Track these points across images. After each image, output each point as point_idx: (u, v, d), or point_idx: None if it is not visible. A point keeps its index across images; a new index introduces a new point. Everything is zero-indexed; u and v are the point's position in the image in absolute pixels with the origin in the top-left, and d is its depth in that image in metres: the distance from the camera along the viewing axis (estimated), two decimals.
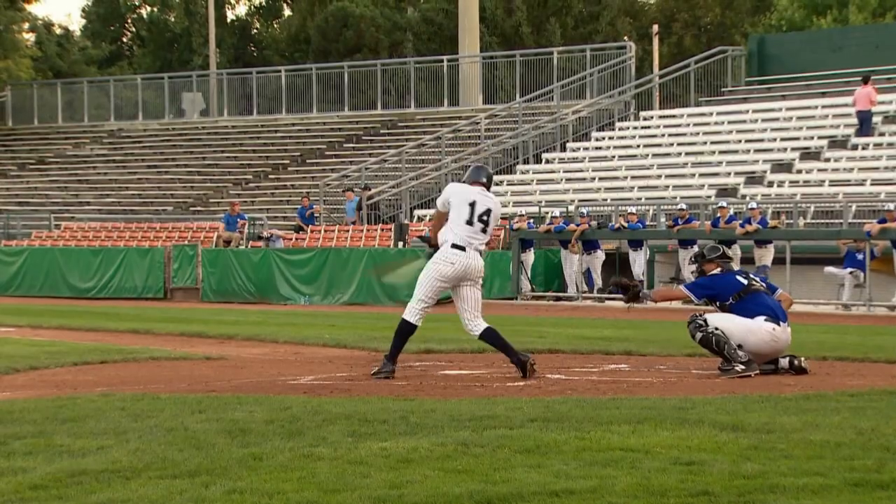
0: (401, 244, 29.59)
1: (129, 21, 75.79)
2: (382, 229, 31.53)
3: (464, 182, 11.68)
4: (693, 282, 12.44)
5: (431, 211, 33.96)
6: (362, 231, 31.76)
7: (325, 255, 29.94)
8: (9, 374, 12.22)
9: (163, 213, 39.06)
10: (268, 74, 47.99)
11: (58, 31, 70.93)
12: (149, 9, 74.06)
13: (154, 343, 16.48)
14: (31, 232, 37.64)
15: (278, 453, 7.11)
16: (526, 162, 36.53)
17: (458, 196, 11.43)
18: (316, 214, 34.06)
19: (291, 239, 32.42)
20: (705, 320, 11.68)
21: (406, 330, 11.54)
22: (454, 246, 11.36)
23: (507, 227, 29.36)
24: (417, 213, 33.91)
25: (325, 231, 32.24)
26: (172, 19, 71.03)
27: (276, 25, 71.93)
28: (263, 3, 73.38)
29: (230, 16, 71.20)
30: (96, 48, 70.51)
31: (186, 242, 32.63)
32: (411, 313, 11.50)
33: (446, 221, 11.47)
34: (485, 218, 11.39)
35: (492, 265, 28.35)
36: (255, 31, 71.97)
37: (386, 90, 44.69)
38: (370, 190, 34.30)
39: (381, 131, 42.80)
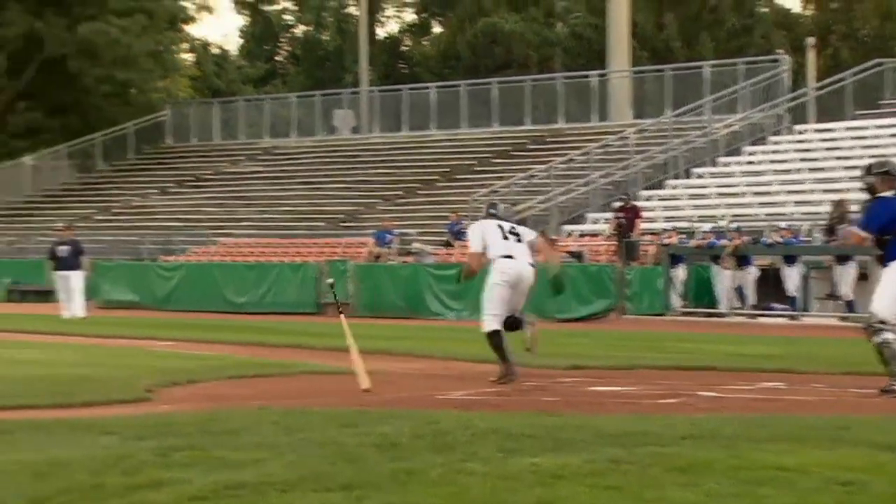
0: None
1: (284, 40, 77.26)
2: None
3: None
4: (861, 220, 11.51)
5: (580, 227, 33.89)
6: None
7: None
8: (168, 388, 12.51)
9: (315, 229, 39.64)
10: (418, 91, 48.41)
11: (215, 51, 72.70)
12: (303, 28, 75.40)
13: (307, 357, 16.71)
14: (189, 248, 38.55)
15: (429, 468, 7.15)
16: (676, 177, 36.17)
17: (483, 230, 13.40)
18: (464, 230, 34.19)
19: (440, 254, 32.60)
20: (881, 321, 11.01)
21: (498, 342, 12.91)
22: (505, 257, 13.10)
23: (658, 242, 29.09)
24: (566, 228, 33.81)
25: None
26: (326, 38, 72.19)
27: (426, 43, 72.56)
28: (415, 21, 74.10)
29: (381, 34, 72.09)
30: (252, 67, 72.05)
31: (338, 258, 33.04)
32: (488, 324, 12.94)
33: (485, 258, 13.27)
34: (513, 231, 13.29)
35: (641, 281, 28.13)
36: (405, 48, 72.71)
37: (534, 106, 44.70)
38: (518, 206, 34.33)
39: (530, 147, 42.80)
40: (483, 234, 13.30)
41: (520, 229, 13.49)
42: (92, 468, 7.20)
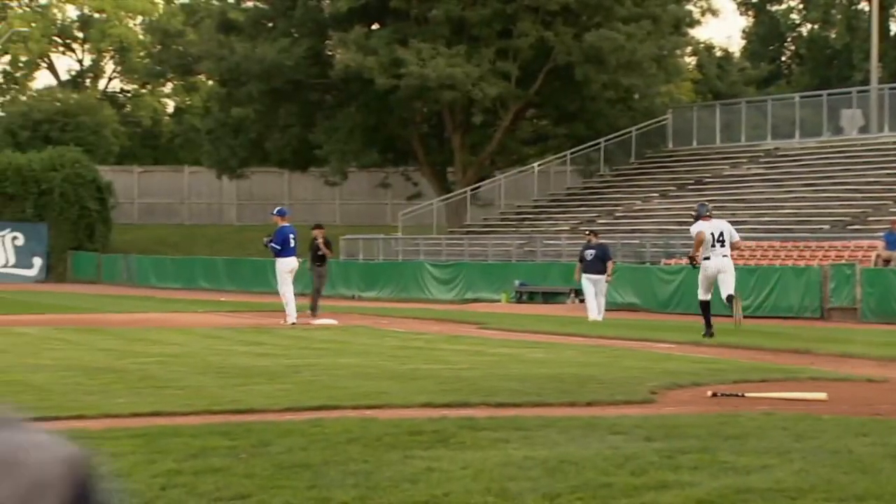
0: None
1: (789, 39, 75.73)
2: None
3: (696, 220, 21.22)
4: None
5: None
6: None
7: None
8: (672, 390, 12.54)
9: (819, 232, 38.52)
10: None
11: (718, 53, 72.37)
12: (809, 26, 73.62)
13: (813, 363, 16.30)
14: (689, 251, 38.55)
15: None
16: None
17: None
18: None
19: None
20: None
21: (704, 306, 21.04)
22: (705, 259, 20.71)
23: None
24: None
25: None
26: (833, 36, 70.11)
27: None
28: None
29: (894, 29, 69.01)
30: (755, 68, 71.12)
31: (844, 261, 31.95)
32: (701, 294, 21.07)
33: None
34: (720, 237, 20.56)
35: None
36: None
37: None
38: None
39: None
40: (703, 230, 20.63)
41: (726, 231, 20.79)
42: (601, 467, 7.35)
